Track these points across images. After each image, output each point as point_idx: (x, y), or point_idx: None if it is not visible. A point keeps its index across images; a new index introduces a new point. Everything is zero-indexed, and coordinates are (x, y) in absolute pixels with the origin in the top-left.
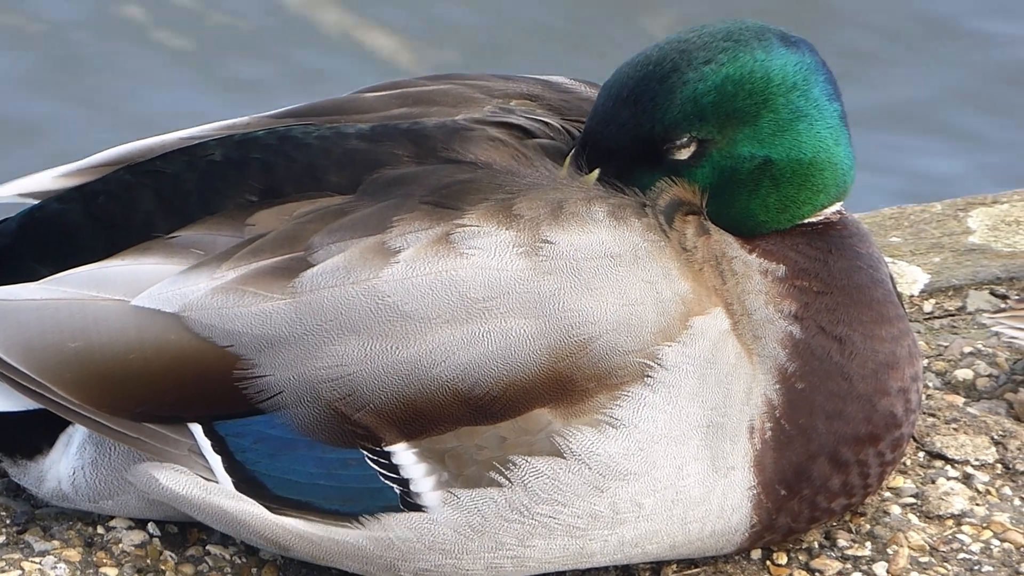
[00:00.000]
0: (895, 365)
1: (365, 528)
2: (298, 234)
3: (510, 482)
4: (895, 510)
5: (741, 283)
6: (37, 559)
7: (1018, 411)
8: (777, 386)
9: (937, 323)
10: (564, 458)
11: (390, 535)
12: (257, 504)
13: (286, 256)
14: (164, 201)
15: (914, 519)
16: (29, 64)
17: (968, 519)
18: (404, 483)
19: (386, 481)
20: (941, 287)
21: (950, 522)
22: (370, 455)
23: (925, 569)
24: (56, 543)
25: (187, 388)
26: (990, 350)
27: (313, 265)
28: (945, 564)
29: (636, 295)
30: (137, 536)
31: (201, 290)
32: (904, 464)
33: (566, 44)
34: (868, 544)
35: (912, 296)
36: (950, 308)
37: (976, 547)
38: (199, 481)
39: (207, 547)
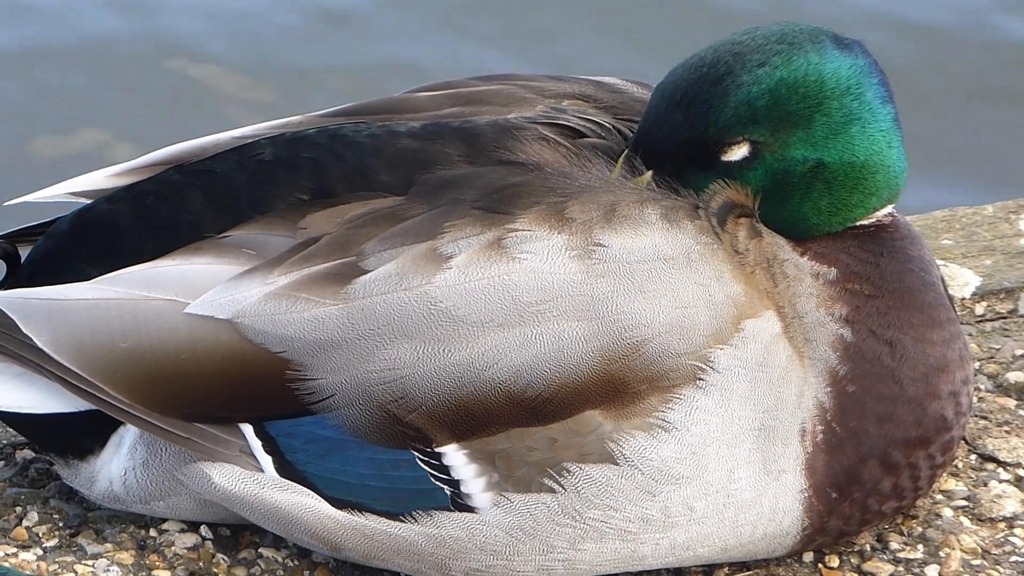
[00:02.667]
0: (946, 368)
1: (417, 525)
2: (350, 239)
3: (562, 487)
4: (947, 513)
5: (792, 286)
6: (90, 562)
7: None
8: (828, 389)
9: (989, 326)
10: (616, 463)
11: (442, 532)
12: (310, 495)
13: (338, 262)
14: (214, 201)
15: (966, 522)
16: None
17: (1020, 522)
18: (455, 484)
19: (437, 482)
20: (993, 290)
21: (1002, 525)
22: (421, 456)
23: (977, 572)
24: (109, 546)
25: (238, 389)
26: None
27: (366, 271)
28: (997, 567)
29: (688, 298)
30: (189, 539)
31: (254, 296)
32: (956, 467)
33: None
34: (920, 547)
35: (963, 299)
36: (1002, 311)
37: None
38: (252, 475)
39: (259, 550)
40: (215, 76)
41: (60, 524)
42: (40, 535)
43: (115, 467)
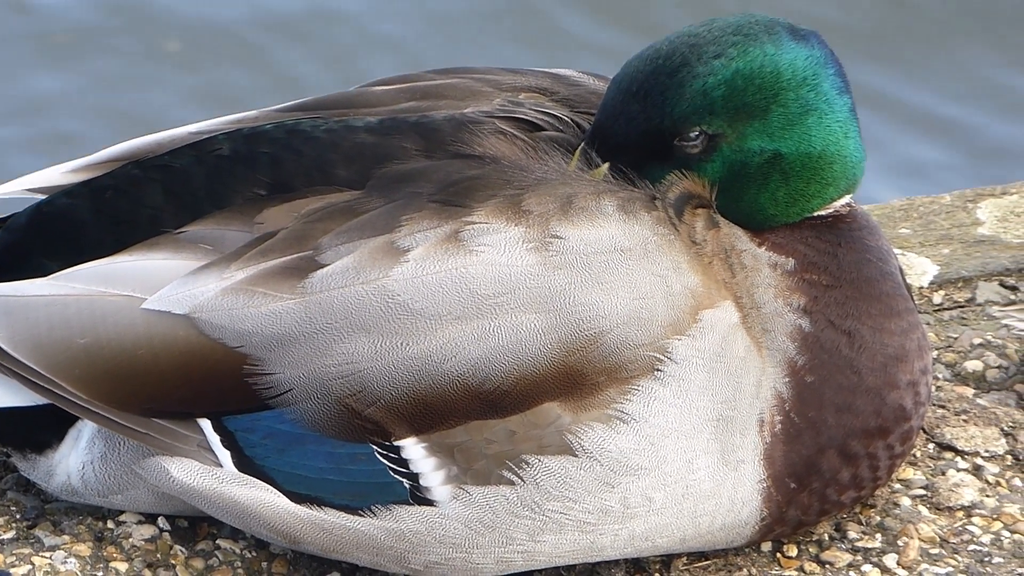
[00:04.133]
0: (904, 358)
1: (376, 519)
2: (307, 234)
3: (521, 479)
4: (905, 502)
5: (750, 276)
6: (47, 553)
7: None
8: (787, 379)
9: (947, 315)
10: (574, 454)
11: (401, 527)
12: (268, 489)
13: (295, 256)
14: (172, 196)
15: (924, 511)
16: None
17: (978, 511)
18: (414, 477)
19: (396, 476)
20: (951, 279)
21: (960, 514)
22: (380, 450)
23: (935, 561)
24: (66, 538)
25: (196, 384)
26: (1000, 341)
27: (323, 265)
28: (955, 556)
29: (646, 289)
30: (147, 530)
31: (211, 291)
32: (914, 456)
33: None
34: (878, 536)
35: (921, 288)
36: (960, 300)
37: (986, 539)
38: (210, 469)
39: (217, 541)
40: None
41: (17, 516)
42: None
43: (73, 461)
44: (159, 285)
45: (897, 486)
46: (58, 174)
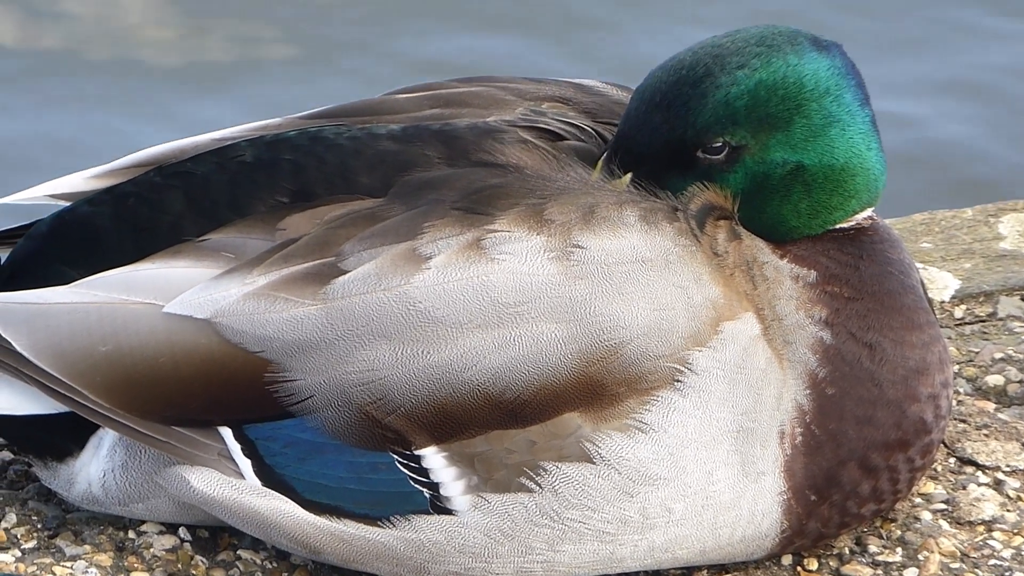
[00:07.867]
0: (925, 371)
1: (396, 529)
2: (329, 240)
3: (540, 487)
4: (926, 516)
5: (772, 288)
6: (68, 563)
7: None
8: (807, 391)
9: (968, 329)
10: (594, 463)
11: (420, 537)
12: (288, 501)
13: (317, 262)
14: (194, 203)
15: (945, 525)
16: None
17: (999, 525)
18: (434, 487)
19: (416, 485)
20: (972, 293)
21: (981, 528)
22: (400, 459)
23: (956, 575)
24: (87, 547)
25: (217, 392)
26: (1021, 356)
27: (345, 272)
28: (976, 570)
29: (667, 300)
30: (168, 541)
31: (233, 296)
32: (935, 470)
33: None
34: (899, 550)
35: (943, 302)
36: (981, 314)
37: (1007, 553)
38: (230, 480)
39: (238, 552)
40: None
41: (39, 526)
42: (19, 537)
43: (94, 469)
44: (180, 293)
45: (918, 500)
46: (80, 180)
